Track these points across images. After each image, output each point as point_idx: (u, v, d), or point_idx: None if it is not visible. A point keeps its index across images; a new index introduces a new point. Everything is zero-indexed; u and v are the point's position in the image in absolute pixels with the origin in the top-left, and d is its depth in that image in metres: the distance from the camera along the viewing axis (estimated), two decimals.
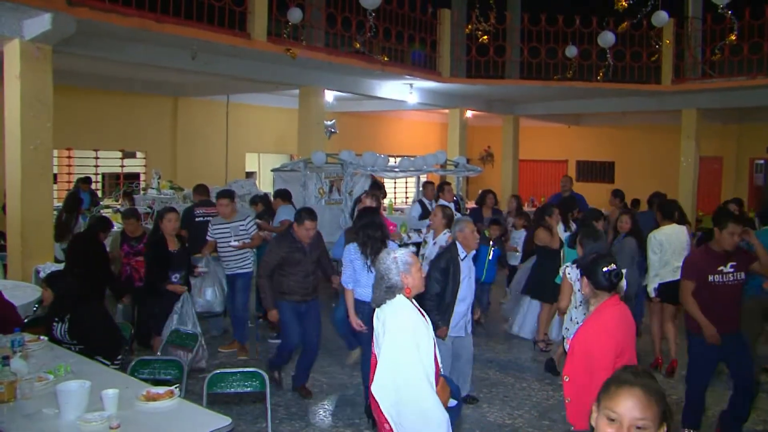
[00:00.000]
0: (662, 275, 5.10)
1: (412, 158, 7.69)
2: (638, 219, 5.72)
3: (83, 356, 3.37)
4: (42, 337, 3.49)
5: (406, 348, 2.38)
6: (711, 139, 13.00)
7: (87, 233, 5.60)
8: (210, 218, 5.71)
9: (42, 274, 5.72)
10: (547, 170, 16.48)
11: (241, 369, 3.50)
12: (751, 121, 13.38)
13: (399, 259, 2.52)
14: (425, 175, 9.63)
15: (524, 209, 7.79)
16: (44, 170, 5.92)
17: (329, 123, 9.13)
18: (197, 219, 6.03)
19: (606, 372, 2.29)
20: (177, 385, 2.93)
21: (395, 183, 14.68)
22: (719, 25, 9.14)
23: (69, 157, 10.43)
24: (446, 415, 2.39)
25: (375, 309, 2.57)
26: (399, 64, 9.22)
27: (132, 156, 11.41)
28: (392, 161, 7.69)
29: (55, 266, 5.66)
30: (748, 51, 9.34)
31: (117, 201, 9.18)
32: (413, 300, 2.58)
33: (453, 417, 2.57)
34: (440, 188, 7.38)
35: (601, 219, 5.47)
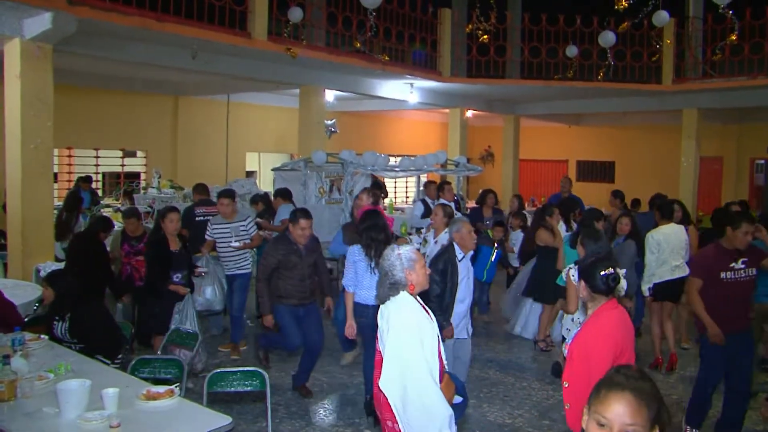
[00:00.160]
0: (659, 274, 5.11)
1: (413, 158, 7.69)
2: (638, 221, 5.74)
3: (84, 355, 3.37)
4: (42, 336, 3.49)
5: (410, 344, 2.39)
6: (711, 139, 12.99)
7: (88, 233, 5.60)
8: (210, 218, 5.71)
9: (42, 273, 5.72)
10: (548, 170, 16.46)
11: (241, 368, 3.50)
12: (752, 121, 13.36)
13: (403, 256, 2.54)
14: (426, 175, 9.63)
15: (526, 209, 7.78)
16: (45, 169, 5.91)
17: (330, 122, 9.13)
18: (197, 218, 6.03)
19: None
20: (177, 384, 2.93)
21: (395, 182, 14.67)
22: (720, 25, 9.13)
23: (69, 156, 10.42)
24: (450, 411, 2.40)
25: (379, 306, 2.58)
26: (399, 64, 9.21)
27: (132, 155, 11.39)
28: (392, 161, 7.68)
29: (56, 265, 5.66)
30: (749, 51, 9.33)
31: (117, 200, 9.18)
32: (417, 297, 2.58)
33: (458, 414, 2.57)
34: (440, 188, 7.37)
35: (602, 219, 5.46)
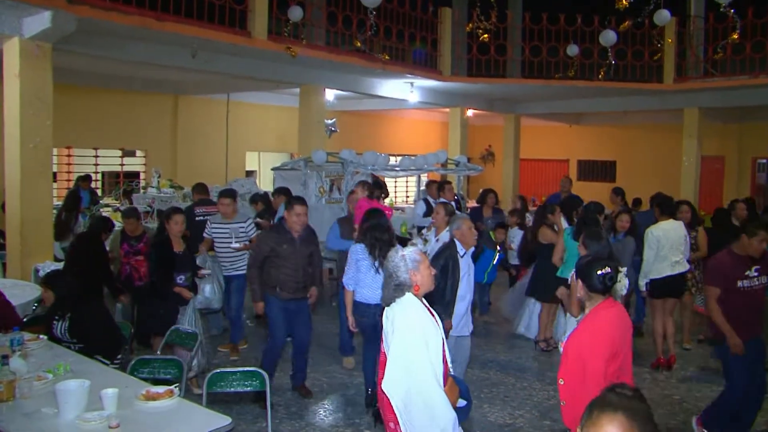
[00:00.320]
0: (659, 270, 5.13)
1: (413, 157, 7.66)
2: (638, 219, 5.73)
3: (83, 355, 3.36)
4: (41, 336, 3.48)
5: (415, 346, 2.38)
6: (713, 138, 12.95)
7: (89, 234, 5.56)
8: (210, 218, 5.69)
9: (41, 273, 5.70)
10: (549, 169, 16.43)
11: (241, 368, 3.48)
12: (754, 120, 13.32)
13: (407, 257, 2.53)
14: (426, 174, 9.60)
15: (529, 209, 7.74)
16: (44, 168, 5.91)
17: (330, 122, 9.11)
18: (197, 218, 6.00)
19: (598, 376, 2.34)
20: (177, 385, 2.91)
21: (396, 182, 14.65)
22: (721, 24, 9.11)
23: (69, 156, 10.40)
24: (453, 414, 2.39)
25: (384, 307, 2.57)
26: (400, 63, 9.19)
27: (132, 154, 11.38)
28: (393, 160, 7.65)
29: (55, 265, 5.66)
30: (751, 50, 9.29)
31: (117, 200, 9.16)
32: (423, 299, 2.57)
33: (462, 417, 2.56)
34: (441, 187, 7.35)
35: (602, 212, 5.46)
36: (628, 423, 1.40)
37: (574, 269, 2.65)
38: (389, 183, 10.83)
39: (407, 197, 15.30)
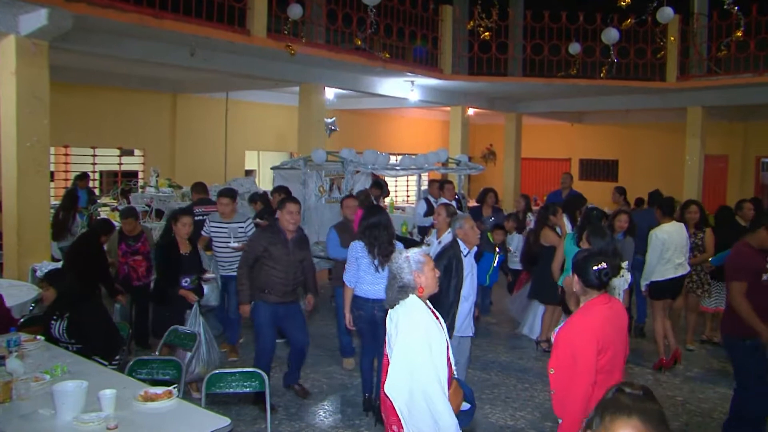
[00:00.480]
0: (662, 272, 5.13)
1: (414, 156, 7.60)
2: (635, 218, 5.72)
3: (80, 356, 3.35)
4: (38, 337, 3.48)
5: (419, 349, 2.37)
6: (716, 137, 12.86)
7: (89, 236, 5.50)
8: (208, 216, 5.63)
9: (39, 273, 5.68)
10: (550, 168, 16.36)
11: (240, 369, 3.46)
12: (758, 119, 13.24)
13: (411, 258, 2.52)
14: (427, 174, 9.54)
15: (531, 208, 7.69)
16: (41, 168, 5.88)
17: (330, 120, 9.06)
18: (196, 218, 5.91)
19: (589, 367, 2.40)
20: (175, 386, 2.89)
21: (396, 181, 14.61)
22: (725, 21, 9.05)
23: (66, 155, 10.34)
24: (455, 420, 2.37)
25: (388, 310, 2.55)
26: (400, 61, 9.14)
27: (130, 153, 11.33)
28: (393, 159, 7.58)
29: (52, 265, 5.63)
30: (755, 47, 9.21)
31: (115, 199, 9.12)
32: (427, 302, 2.56)
33: (467, 420, 2.56)
34: (441, 187, 7.30)
35: (604, 218, 5.41)
36: (643, 427, 1.33)
37: (572, 264, 2.64)
38: (389, 182, 10.79)
39: (408, 197, 15.26)
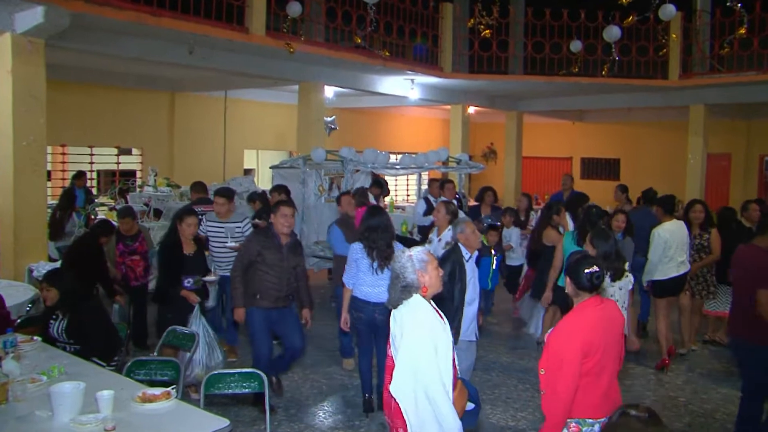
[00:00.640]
0: (665, 271, 5.15)
1: (414, 155, 7.57)
2: (632, 217, 5.71)
3: (78, 357, 3.33)
4: (35, 338, 3.46)
5: (424, 349, 2.35)
6: (719, 136, 12.78)
7: (89, 236, 5.45)
8: (205, 215, 5.58)
9: (36, 273, 5.65)
10: (551, 167, 16.30)
11: (239, 370, 3.43)
12: (761, 117, 13.17)
13: (414, 257, 2.49)
14: (427, 173, 9.48)
15: (533, 208, 7.65)
16: (37, 167, 5.86)
17: (329, 119, 9.03)
18: None
19: (572, 369, 2.45)
20: (174, 387, 2.88)
21: (396, 180, 14.57)
22: (728, 19, 8.98)
23: (63, 154, 10.29)
24: (458, 422, 2.36)
25: (390, 312, 2.53)
26: (400, 59, 9.10)
27: (128, 153, 11.28)
28: (393, 158, 7.54)
29: (50, 265, 5.62)
30: (758, 45, 9.13)
31: (113, 199, 9.07)
32: (431, 301, 2.53)
33: (472, 420, 2.55)
34: (442, 186, 7.26)
35: (604, 217, 5.37)
36: None
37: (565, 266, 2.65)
38: (390, 181, 10.74)
39: (408, 196, 15.21)
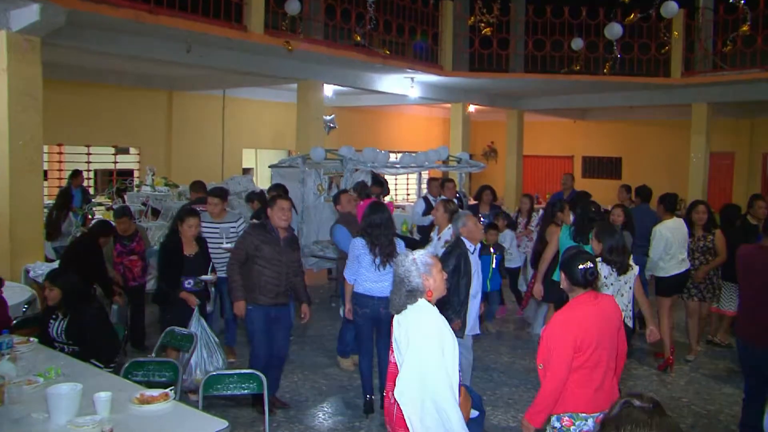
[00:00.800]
0: (667, 269, 5.21)
1: (414, 154, 7.53)
2: (634, 213, 5.72)
3: (75, 358, 3.32)
4: (32, 339, 3.44)
5: (431, 354, 2.31)
6: (722, 134, 12.72)
7: (88, 237, 5.40)
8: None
9: (32, 274, 5.61)
10: (552, 166, 16.25)
11: (238, 371, 3.41)
12: (764, 116, 13.09)
13: (419, 261, 2.44)
14: (427, 172, 9.43)
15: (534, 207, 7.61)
16: (34, 166, 5.84)
17: (328, 118, 8.99)
18: None
19: (561, 363, 2.49)
20: (172, 388, 2.85)
21: (396, 179, 14.53)
22: (731, 16, 8.93)
23: (60, 154, 10.25)
24: (466, 430, 2.31)
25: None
26: (400, 58, 9.06)
27: (125, 152, 11.23)
28: (393, 157, 7.51)
29: (47, 265, 5.58)
30: (762, 42, 9.06)
31: (110, 198, 9.03)
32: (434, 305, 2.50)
33: (476, 429, 2.53)
34: (442, 185, 7.22)
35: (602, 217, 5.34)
36: None
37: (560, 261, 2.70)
38: (390, 180, 10.70)
39: (408, 195, 15.17)
